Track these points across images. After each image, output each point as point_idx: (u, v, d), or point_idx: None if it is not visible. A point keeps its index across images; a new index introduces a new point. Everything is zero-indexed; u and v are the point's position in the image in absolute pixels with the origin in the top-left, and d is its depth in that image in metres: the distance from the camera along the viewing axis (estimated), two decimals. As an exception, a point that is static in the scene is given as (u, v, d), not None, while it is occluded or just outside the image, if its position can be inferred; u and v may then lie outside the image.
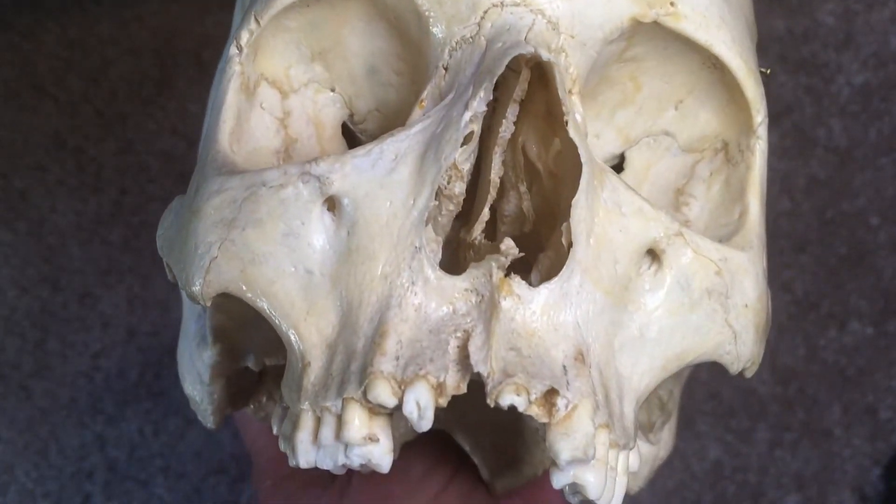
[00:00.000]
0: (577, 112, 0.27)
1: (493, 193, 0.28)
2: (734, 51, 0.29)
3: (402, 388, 0.23)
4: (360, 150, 0.26)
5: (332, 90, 0.31)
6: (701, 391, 0.78)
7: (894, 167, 0.78)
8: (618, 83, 0.31)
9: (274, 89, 0.30)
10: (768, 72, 0.32)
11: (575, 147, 0.25)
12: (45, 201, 0.82)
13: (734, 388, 0.78)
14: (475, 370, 0.23)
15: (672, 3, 0.28)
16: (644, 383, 0.27)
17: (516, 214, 0.29)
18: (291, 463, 0.25)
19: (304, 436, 0.25)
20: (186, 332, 0.33)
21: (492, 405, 0.23)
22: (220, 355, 0.31)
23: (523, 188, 0.29)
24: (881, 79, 0.78)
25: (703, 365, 0.82)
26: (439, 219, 0.27)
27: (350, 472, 0.33)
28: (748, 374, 0.29)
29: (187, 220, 0.27)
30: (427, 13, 0.27)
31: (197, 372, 0.32)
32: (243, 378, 0.33)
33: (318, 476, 0.34)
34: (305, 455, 0.25)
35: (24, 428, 0.79)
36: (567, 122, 0.25)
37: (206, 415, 0.33)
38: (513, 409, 0.23)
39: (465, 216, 0.29)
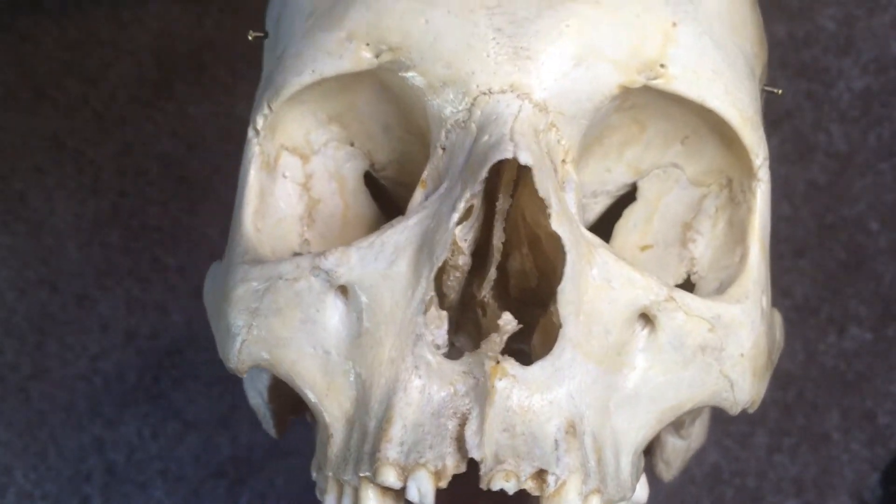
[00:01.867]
0: (570, 181, 0.28)
1: (497, 257, 0.29)
2: (727, 102, 0.29)
3: (406, 473, 0.26)
4: (363, 242, 0.28)
5: (352, 144, 0.33)
6: (700, 396, 0.78)
7: (894, 173, 0.78)
8: (622, 127, 0.31)
9: (295, 156, 0.32)
10: (779, 92, 0.33)
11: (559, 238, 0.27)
12: (44, 203, 0.82)
13: (733, 393, 0.78)
14: (469, 455, 0.25)
15: (662, 66, 0.28)
16: (641, 435, 0.28)
17: (522, 271, 0.31)
18: None
19: (330, 499, 0.28)
20: None
21: (485, 489, 0.26)
22: (273, 380, 0.34)
23: (525, 250, 0.30)
24: (881, 84, 0.78)
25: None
26: (449, 283, 0.29)
27: None
28: (751, 411, 0.30)
29: (220, 301, 0.30)
30: (424, 97, 0.29)
31: (258, 390, 0.35)
32: None
33: None
34: None
35: (23, 430, 0.79)
36: (550, 216, 0.26)
37: (270, 426, 0.36)
38: None
39: (480, 268, 0.30)
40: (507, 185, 0.29)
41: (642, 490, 0.30)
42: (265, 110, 0.30)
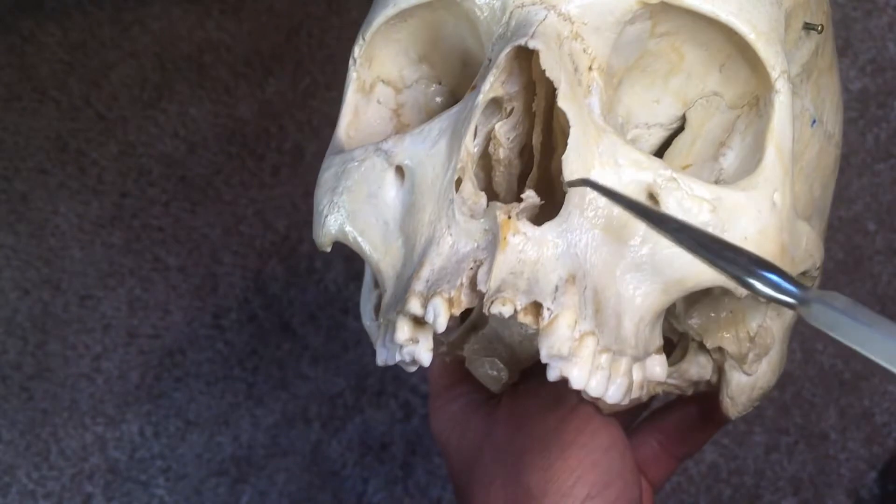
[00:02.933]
0: (595, 87, 0.32)
1: (536, 156, 0.34)
2: (740, 17, 0.32)
3: (426, 302, 0.30)
4: (416, 129, 0.33)
5: (439, 83, 0.38)
6: (698, 395, 0.79)
7: (891, 173, 0.78)
8: (662, 55, 0.35)
9: (389, 87, 0.38)
10: (820, 30, 0.35)
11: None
12: (47, 204, 0.83)
13: (731, 392, 0.79)
14: (478, 288, 0.30)
15: None
16: (648, 303, 0.31)
17: (560, 169, 0.35)
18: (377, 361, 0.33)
19: (380, 341, 0.33)
20: (366, 279, 0.42)
21: (486, 314, 0.29)
22: (380, 298, 0.38)
23: (561, 151, 0.34)
24: (879, 85, 0.79)
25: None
26: (496, 178, 0.34)
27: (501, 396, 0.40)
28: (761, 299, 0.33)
29: (315, 188, 0.36)
30: (477, 17, 0.34)
31: (368, 310, 0.40)
32: None
33: (476, 395, 0.41)
34: (380, 355, 0.33)
35: (26, 429, 0.79)
36: (557, 95, 0.30)
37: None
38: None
39: (530, 169, 0.35)
40: (543, 90, 0.32)
41: (660, 367, 0.33)
42: (360, 41, 0.36)
